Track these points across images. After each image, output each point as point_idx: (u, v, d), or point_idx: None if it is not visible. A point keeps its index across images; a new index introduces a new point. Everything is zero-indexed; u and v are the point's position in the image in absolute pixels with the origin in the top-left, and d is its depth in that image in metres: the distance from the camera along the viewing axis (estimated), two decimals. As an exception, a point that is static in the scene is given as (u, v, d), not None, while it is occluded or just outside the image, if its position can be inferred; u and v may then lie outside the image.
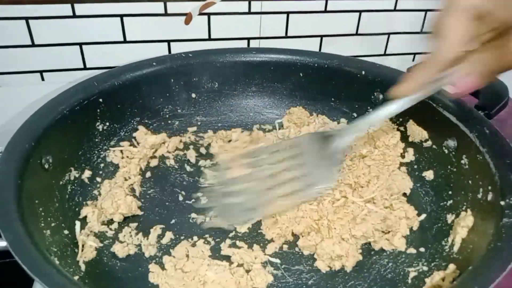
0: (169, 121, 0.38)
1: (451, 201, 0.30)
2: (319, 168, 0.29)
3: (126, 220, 0.30)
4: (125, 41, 0.40)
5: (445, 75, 0.24)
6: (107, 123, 0.34)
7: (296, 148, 0.30)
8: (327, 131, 0.31)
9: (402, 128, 0.36)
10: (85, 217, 0.29)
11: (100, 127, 0.34)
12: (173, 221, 0.30)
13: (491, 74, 0.23)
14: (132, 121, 0.36)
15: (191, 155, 0.36)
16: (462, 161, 0.30)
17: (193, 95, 0.39)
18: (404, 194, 0.32)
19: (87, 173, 0.32)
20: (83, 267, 0.26)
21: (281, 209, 0.29)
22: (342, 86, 0.38)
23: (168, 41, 0.41)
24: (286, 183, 0.29)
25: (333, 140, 0.29)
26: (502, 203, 0.24)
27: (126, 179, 0.33)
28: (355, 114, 0.38)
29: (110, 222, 0.30)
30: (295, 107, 0.39)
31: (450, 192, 0.30)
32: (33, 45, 0.37)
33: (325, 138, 0.29)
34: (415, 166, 0.34)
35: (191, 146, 0.37)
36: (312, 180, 0.29)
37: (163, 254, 0.28)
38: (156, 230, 0.29)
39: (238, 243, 0.28)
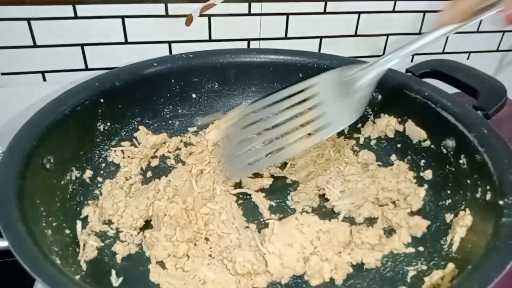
0: (170, 121, 0.38)
1: (449, 201, 0.30)
2: (336, 106, 0.26)
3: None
4: (126, 42, 0.40)
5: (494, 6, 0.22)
6: (108, 123, 0.34)
7: (312, 88, 0.28)
8: (349, 69, 0.28)
9: (400, 129, 0.36)
10: (86, 216, 0.29)
11: (101, 127, 0.34)
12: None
13: None
14: (133, 121, 0.36)
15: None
16: (461, 161, 0.30)
17: (194, 96, 0.39)
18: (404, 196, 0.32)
19: (88, 173, 0.32)
20: (84, 266, 0.26)
21: (298, 151, 0.27)
22: (342, 87, 0.38)
23: (169, 42, 0.41)
24: (302, 127, 0.27)
25: (356, 78, 0.26)
26: (501, 202, 0.24)
27: (127, 179, 0.33)
28: (353, 114, 0.39)
29: (111, 221, 0.30)
30: None
31: (448, 192, 0.31)
32: (35, 45, 0.38)
33: (344, 76, 0.27)
34: (414, 167, 0.34)
35: (192, 146, 0.37)
36: (328, 120, 0.26)
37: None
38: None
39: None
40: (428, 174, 0.33)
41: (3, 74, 0.38)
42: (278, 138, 0.27)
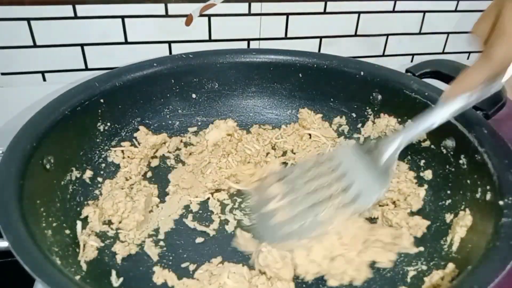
0: (170, 121, 0.38)
1: (449, 201, 0.30)
2: (365, 177, 0.26)
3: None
4: (126, 42, 0.40)
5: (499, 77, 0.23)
6: (108, 124, 0.34)
7: (334, 160, 0.28)
8: (369, 143, 0.29)
9: (400, 129, 0.36)
10: (86, 217, 0.29)
11: (101, 128, 0.34)
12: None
13: None
14: (133, 121, 0.36)
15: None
16: (461, 161, 0.30)
17: (193, 96, 0.39)
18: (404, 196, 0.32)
19: (89, 173, 0.32)
20: (84, 266, 0.26)
21: (334, 222, 0.26)
22: (341, 87, 0.38)
23: (169, 42, 0.41)
24: (330, 198, 0.26)
25: (379, 150, 0.27)
26: (501, 202, 0.24)
27: (127, 179, 0.33)
28: (354, 114, 0.39)
29: (111, 222, 0.30)
30: (303, 108, 0.39)
31: (448, 192, 0.31)
32: (34, 46, 0.38)
33: (368, 150, 0.27)
34: (414, 167, 0.34)
35: (192, 146, 0.37)
36: (357, 191, 0.26)
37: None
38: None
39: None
40: (428, 174, 0.33)
41: (3, 74, 0.38)
42: (310, 205, 0.27)
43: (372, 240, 0.27)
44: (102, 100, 0.33)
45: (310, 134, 0.38)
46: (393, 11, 0.45)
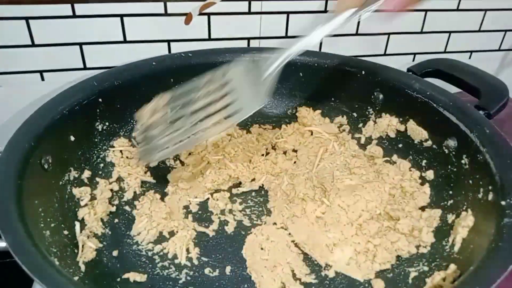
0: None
1: (451, 201, 0.30)
2: (247, 93, 0.27)
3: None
4: (125, 41, 0.40)
5: None
6: (107, 123, 0.34)
7: (221, 78, 0.29)
8: (257, 58, 0.29)
9: (402, 128, 0.36)
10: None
11: (100, 127, 0.34)
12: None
13: None
14: (132, 121, 0.36)
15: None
16: (463, 161, 0.30)
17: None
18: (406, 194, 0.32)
19: (87, 173, 0.32)
20: (82, 267, 0.26)
21: (210, 136, 0.27)
22: (342, 86, 0.38)
23: (168, 41, 0.41)
24: (213, 114, 0.27)
25: (264, 65, 0.28)
26: (503, 203, 0.24)
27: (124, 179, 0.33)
28: (355, 114, 0.38)
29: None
30: (301, 106, 0.39)
31: (450, 192, 0.30)
32: (33, 45, 0.37)
33: (255, 65, 0.28)
34: (416, 167, 0.34)
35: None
36: (239, 106, 0.27)
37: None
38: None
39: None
40: (429, 174, 0.33)
41: (1, 73, 0.38)
42: (192, 124, 0.28)
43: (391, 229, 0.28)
44: (100, 100, 0.33)
45: (311, 131, 0.38)
46: (394, 10, 0.45)
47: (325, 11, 0.43)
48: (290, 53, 0.28)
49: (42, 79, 0.39)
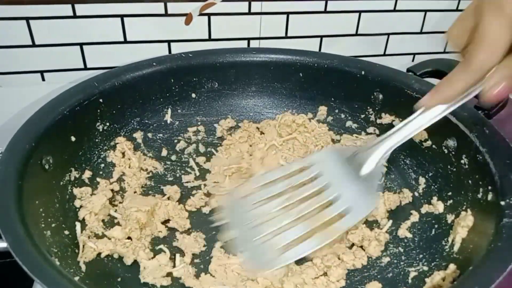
0: (169, 121, 0.38)
1: (451, 201, 0.30)
2: (351, 190, 0.25)
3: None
4: (125, 42, 0.40)
5: (479, 84, 0.22)
6: (107, 123, 0.34)
7: (314, 167, 0.26)
8: (349, 149, 0.27)
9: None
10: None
11: (100, 127, 0.34)
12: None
13: None
14: (132, 121, 0.36)
15: (191, 154, 0.36)
16: (462, 161, 0.30)
17: (193, 95, 0.39)
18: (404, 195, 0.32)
19: (88, 174, 0.32)
20: (83, 267, 0.26)
21: (316, 246, 0.24)
22: (342, 86, 0.38)
23: (168, 42, 0.41)
24: (316, 212, 0.24)
25: (360, 159, 0.25)
26: (502, 203, 0.24)
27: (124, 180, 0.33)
28: (355, 114, 0.38)
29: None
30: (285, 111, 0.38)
31: (450, 192, 0.30)
32: (33, 45, 0.37)
33: (350, 156, 0.26)
34: (415, 167, 0.34)
35: (191, 146, 0.37)
36: (347, 205, 0.25)
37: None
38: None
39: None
40: (429, 175, 0.33)
41: (1, 73, 0.38)
42: (297, 222, 0.25)
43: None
44: (101, 100, 0.33)
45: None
46: (394, 10, 0.45)
47: (325, 11, 0.43)
48: (390, 145, 0.25)
49: (43, 79, 0.40)
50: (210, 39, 0.41)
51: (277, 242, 0.25)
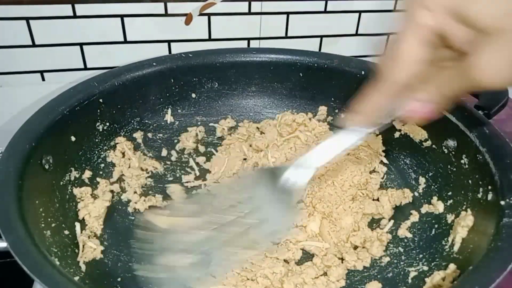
0: (169, 121, 0.38)
1: (451, 201, 0.30)
2: (277, 210, 0.25)
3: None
4: (125, 42, 0.40)
5: (398, 104, 0.21)
6: (107, 123, 0.34)
7: (247, 188, 0.26)
8: (276, 167, 0.27)
9: (401, 128, 0.36)
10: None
11: (100, 127, 0.34)
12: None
13: (449, 100, 0.20)
14: (132, 121, 0.36)
15: (191, 154, 0.36)
16: (462, 161, 0.30)
17: (193, 95, 0.39)
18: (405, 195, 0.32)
19: (88, 174, 0.32)
20: (83, 267, 0.26)
21: (240, 266, 0.25)
22: (342, 86, 0.38)
23: (169, 42, 0.41)
24: (243, 233, 0.24)
25: (284, 177, 0.25)
26: (502, 202, 0.24)
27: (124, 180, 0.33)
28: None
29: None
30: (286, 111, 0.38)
31: (450, 192, 0.30)
32: (33, 45, 0.37)
33: (275, 175, 0.25)
34: (415, 167, 0.34)
35: (191, 146, 0.37)
36: (272, 227, 0.24)
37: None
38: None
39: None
40: (429, 174, 0.33)
41: (1, 73, 0.38)
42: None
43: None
44: (101, 100, 0.33)
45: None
46: (394, 10, 0.45)
47: (325, 11, 0.43)
48: (308, 165, 0.25)
49: (43, 79, 0.40)
50: (210, 39, 0.42)
51: (198, 263, 0.24)
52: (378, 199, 0.32)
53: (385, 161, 0.35)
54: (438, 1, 0.19)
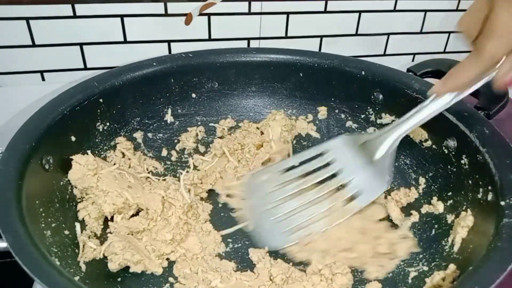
0: (169, 121, 0.38)
1: (451, 201, 0.30)
2: (362, 174, 0.26)
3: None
4: (125, 41, 0.40)
5: (488, 73, 0.23)
6: (108, 123, 0.34)
7: (327, 155, 0.28)
8: (362, 136, 0.29)
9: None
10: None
11: (101, 127, 0.34)
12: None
13: None
14: (132, 121, 0.36)
15: (191, 154, 0.36)
16: (462, 161, 0.30)
17: (193, 95, 0.39)
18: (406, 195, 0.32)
19: (88, 173, 0.32)
20: (83, 267, 0.26)
21: (336, 221, 0.27)
22: (342, 86, 0.38)
23: (169, 41, 0.41)
24: (328, 196, 0.26)
25: (373, 145, 0.27)
26: (502, 203, 0.24)
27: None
28: (355, 114, 0.38)
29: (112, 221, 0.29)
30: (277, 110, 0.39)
31: (450, 193, 0.30)
32: (33, 45, 0.37)
33: (361, 143, 0.27)
34: (415, 167, 0.34)
35: (191, 146, 0.37)
36: (359, 187, 0.26)
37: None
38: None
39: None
40: (429, 175, 0.33)
41: (1, 73, 0.38)
42: (311, 204, 0.27)
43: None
44: (101, 100, 0.33)
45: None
46: (394, 10, 0.45)
47: (325, 11, 0.43)
48: (402, 132, 0.27)
49: (43, 79, 0.40)
50: (210, 39, 0.42)
51: (289, 223, 0.27)
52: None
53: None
54: None
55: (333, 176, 0.27)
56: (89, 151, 0.31)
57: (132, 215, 0.29)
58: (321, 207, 0.27)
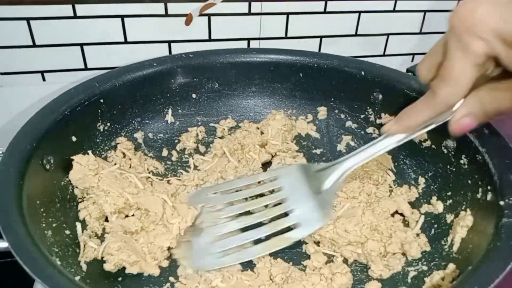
0: (170, 121, 0.38)
1: (450, 201, 0.30)
2: (305, 204, 0.26)
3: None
4: (126, 42, 0.40)
5: (441, 117, 0.23)
6: (108, 124, 0.34)
7: (276, 181, 0.28)
8: (314, 166, 0.29)
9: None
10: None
11: (101, 128, 0.34)
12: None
13: (490, 115, 0.22)
14: (133, 122, 0.36)
15: (192, 154, 0.36)
16: (461, 161, 0.30)
17: (194, 96, 0.39)
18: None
19: (88, 174, 0.32)
20: (84, 267, 0.26)
21: (269, 251, 0.26)
22: (342, 86, 0.38)
23: (169, 42, 0.41)
24: (269, 222, 0.26)
25: (322, 176, 0.27)
26: (502, 203, 0.24)
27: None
28: (354, 114, 0.39)
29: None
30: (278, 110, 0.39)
31: (449, 192, 0.31)
32: (34, 45, 0.38)
33: (311, 173, 0.27)
34: (415, 167, 0.34)
35: (192, 146, 0.37)
36: (299, 219, 0.26)
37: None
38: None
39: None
40: (428, 174, 0.33)
41: (2, 74, 0.38)
42: (251, 228, 0.26)
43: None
44: (102, 100, 0.33)
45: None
46: (394, 11, 0.45)
47: (325, 12, 0.43)
48: (349, 166, 0.27)
49: (44, 79, 0.40)
50: (210, 39, 0.42)
51: (225, 244, 0.26)
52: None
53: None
54: (488, 29, 0.20)
55: (279, 203, 0.27)
56: (90, 151, 0.31)
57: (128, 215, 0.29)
58: (260, 232, 0.26)
